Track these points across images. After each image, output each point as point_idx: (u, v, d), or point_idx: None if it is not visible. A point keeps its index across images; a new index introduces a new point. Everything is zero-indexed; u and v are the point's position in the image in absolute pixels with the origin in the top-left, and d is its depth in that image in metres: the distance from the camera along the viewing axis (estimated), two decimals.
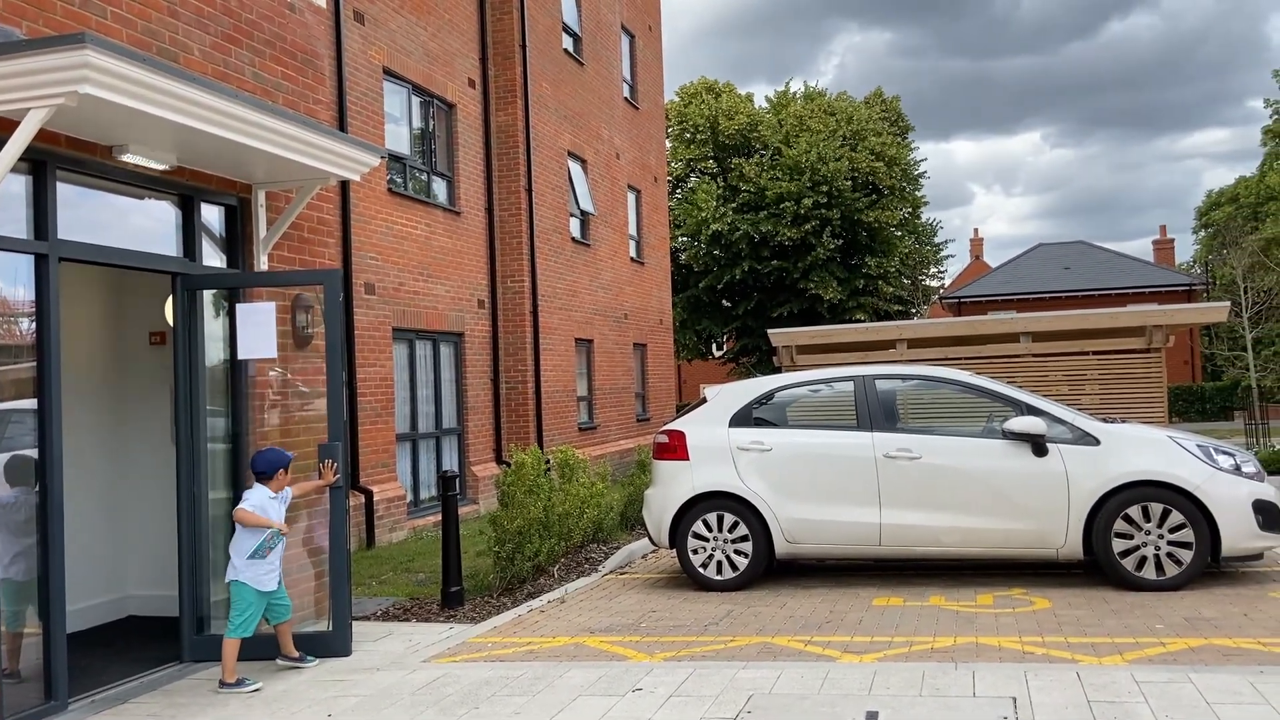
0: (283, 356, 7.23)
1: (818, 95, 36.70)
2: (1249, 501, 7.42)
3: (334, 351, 6.63)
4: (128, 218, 6.32)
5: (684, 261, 34.25)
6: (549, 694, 5.45)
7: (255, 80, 6.96)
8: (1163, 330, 13.01)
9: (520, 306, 16.01)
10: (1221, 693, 4.89)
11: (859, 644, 6.29)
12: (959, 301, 41.77)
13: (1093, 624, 6.54)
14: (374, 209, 12.65)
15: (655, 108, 23.95)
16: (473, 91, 15.46)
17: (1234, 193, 46.15)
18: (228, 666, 5.87)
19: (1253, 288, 24.61)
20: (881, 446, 8.00)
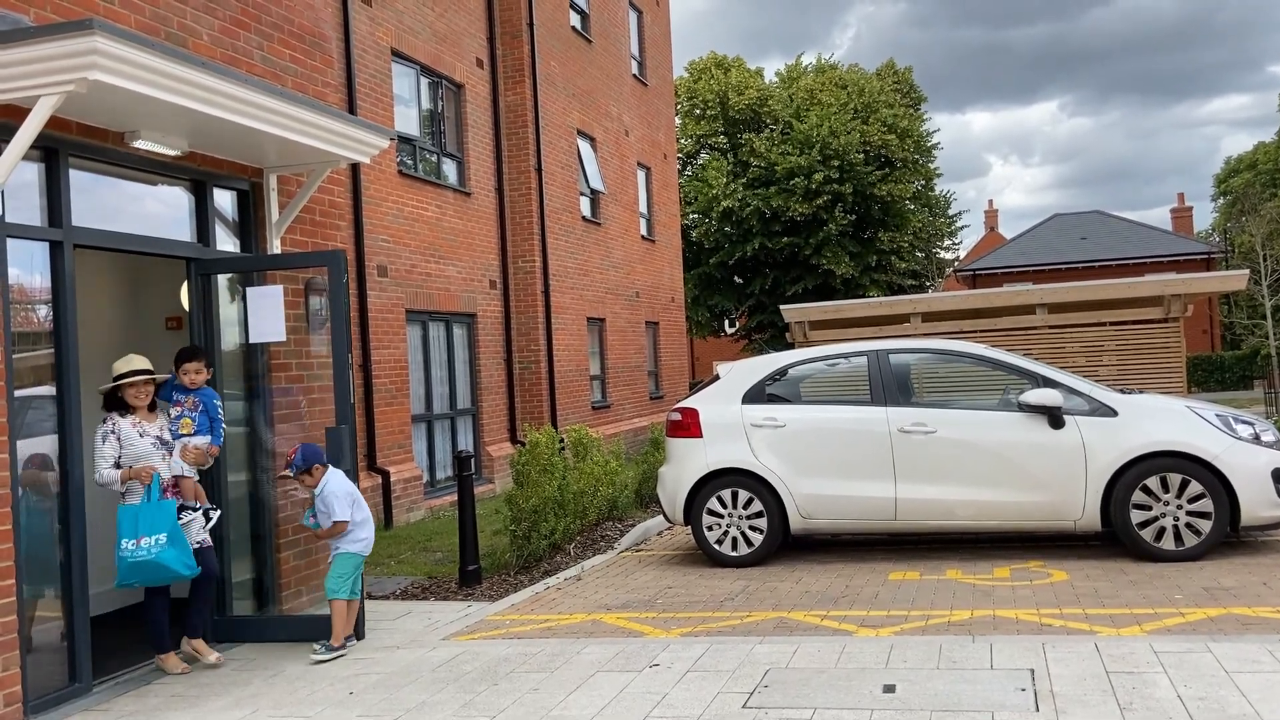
0: (297, 339, 7.27)
1: (829, 68, 36.43)
2: (1268, 470, 7.38)
3: (340, 334, 6.64)
4: (141, 203, 6.34)
5: (695, 238, 34.16)
6: (567, 670, 5.49)
7: (264, 64, 6.95)
8: (1181, 299, 12.90)
9: (532, 286, 16.01)
10: (1240, 661, 4.89)
11: (875, 618, 6.31)
12: (974, 274, 41.53)
13: (1111, 595, 6.53)
14: (385, 191, 12.65)
15: (664, 84, 23.82)
16: (481, 71, 15.40)
17: (1253, 159, 45.68)
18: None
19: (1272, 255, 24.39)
20: (896, 421, 7.98)
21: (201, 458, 6.06)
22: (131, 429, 5.87)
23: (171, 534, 5.63)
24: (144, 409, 5.95)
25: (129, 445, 5.84)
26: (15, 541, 5.08)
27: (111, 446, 5.83)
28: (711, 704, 4.79)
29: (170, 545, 5.63)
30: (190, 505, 5.94)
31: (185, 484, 6.00)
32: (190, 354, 6.18)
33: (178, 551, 5.63)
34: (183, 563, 5.66)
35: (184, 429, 6.03)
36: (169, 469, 5.91)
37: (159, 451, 5.90)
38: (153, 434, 5.92)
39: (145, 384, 5.94)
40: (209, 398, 6.14)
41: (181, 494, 5.94)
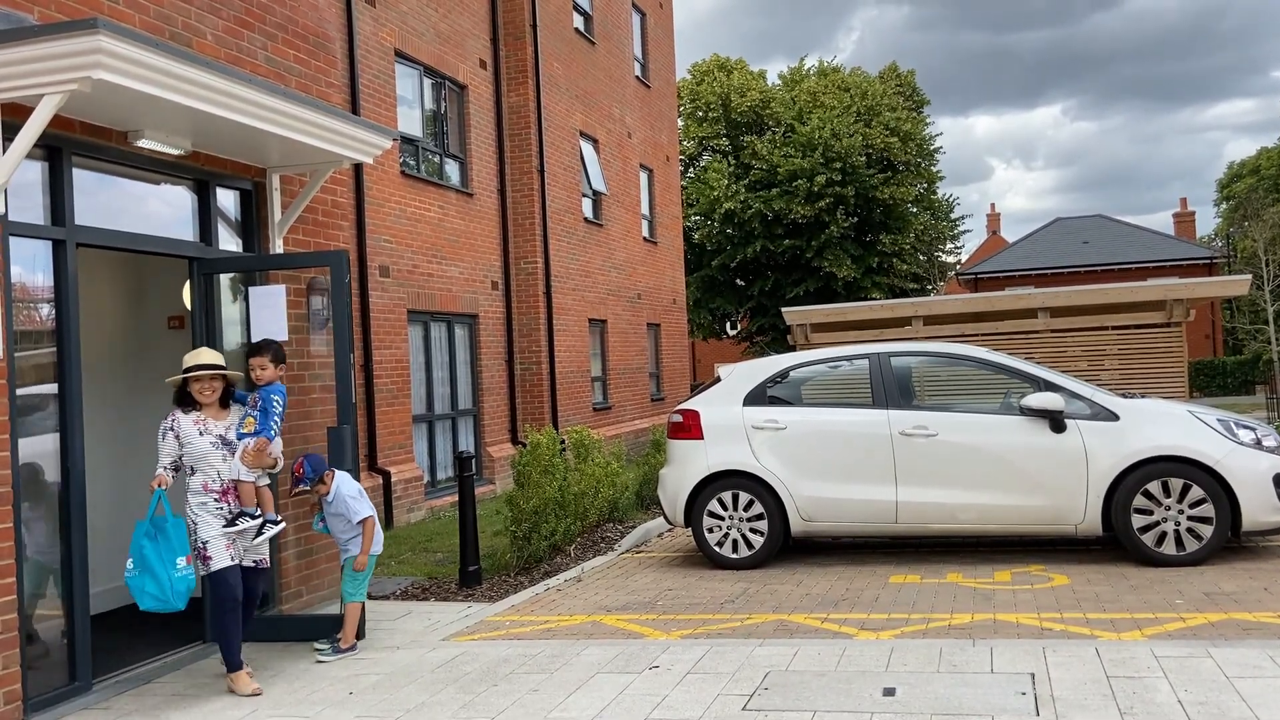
0: (299, 339, 7.27)
1: (831, 71, 36.43)
2: (1270, 475, 7.37)
3: (342, 333, 6.64)
4: (144, 202, 6.34)
5: (697, 240, 34.16)
6: (566, 671, 5.49)
7: (268, 64, 6.96)
8: (1183, 304, 12.89)
9: (533, 287, 16.01)
10: (1241, 667, 4.88)
11: (876, 621, 6.30)
12: (976, 277, 41.52)
13: (1111, 600, 6.52)
14: (387, 191, 12.66)
15: (667, 86, 23.83)
16: (484, 72, 15.41)
17: (1256, 164, 45.64)
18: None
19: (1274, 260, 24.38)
20: (898, 424, 7.98)
21: (259, 459, 5.63)
22: (191, 426, 5.56)
23: (139, 560, 5.27)
24: (213, 406, 5.64)
25: (188, 443, 5.54)
26: (16, 540, 5.09)
27: (170, 445, 5.56)
28: (711, 706, 4.79)
29: (139, 572, 5.28)
30: (248, 512, 5.58)
31: (243, 489, 5.62)
32: (256, 349, 5.93)
33: (142, 581, 5.26)
34: (150, 595, 5.24)
35: (246, 429, 5.68)
36: (229, 470, 5.58)
37: (219, 451, 5.57)
38: (215, 432, 5.59)
39: (212, 379, 5.61)
40: (268, 393, 5.77)
41: (240, 499, 5.59)
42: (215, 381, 5.64)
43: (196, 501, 5.53)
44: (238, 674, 5.49)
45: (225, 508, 5.56)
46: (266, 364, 5.86)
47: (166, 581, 5.23)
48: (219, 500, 5.55)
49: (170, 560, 5.25)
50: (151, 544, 5.28)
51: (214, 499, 5.55)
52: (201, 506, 5.53)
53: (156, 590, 5.24)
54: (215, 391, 5.64)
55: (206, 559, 5.48)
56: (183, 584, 5.27)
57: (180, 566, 5.27)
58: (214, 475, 5.55)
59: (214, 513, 5.53)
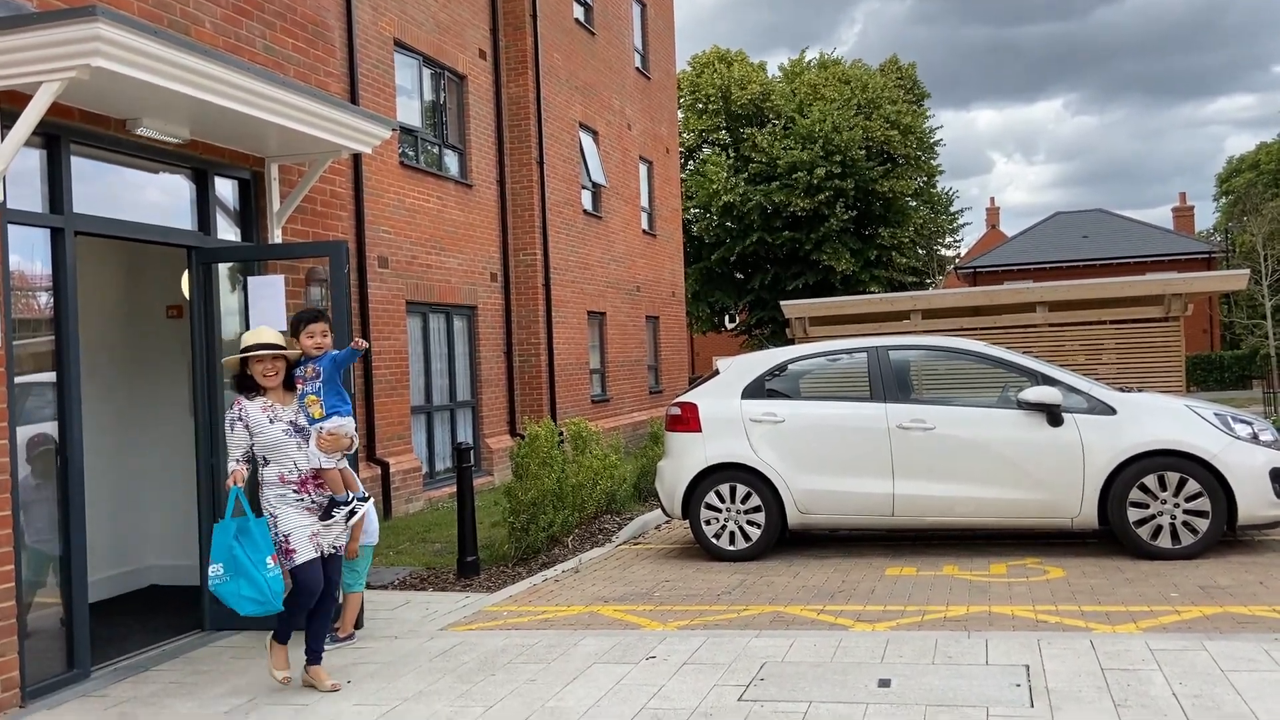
0: None
1: (832, 64, 36.37)
2: (1266, 470, 7.39)
3: (340, 324, 6.61)
4: (142, 191, 6.34)
5: (696, 233, 34.14)
6: (564, 662, 5.50)
7: (266, 53, 6.94)
8: (1181, 299, 12.89)
9: (532, 279, 16.00)
10: (1236, 660, 4.90)
11: (872, 613, 6.32)
12: (974, 271, 41.52)
13: (1107, 593, 6.54)
14: (386, 182, 12.64)
15: (667, 78, 23.78)
16: (483, 63, 15.38)
17: (1255, 159, 45.62)
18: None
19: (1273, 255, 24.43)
20: (895, 417, 7.99)
21: (339, 444, 5.19)
22: (260, 414, 5.13)
23: (230, 564, 4.97)
24: (277, 390, 5.19)
25: (259, 433, 5.10)
26: (14, 528, 5.09)
27: (240, 435, 5.12)
28: (707, 696, 4.80)
29: (231, 577, 4.97)
30: (339, 500, 5.21)
31: (329, 476, 5.20)
32: (314, 316, 5.36)
33: (237, 586, 4.96)
34: (248, 599, 4.96)
35: (312, 409, 5.19)
36: (307, 460, 5.16)
37: (292, 440, 5.13)
38: (285, 419, 5.16)
39: (274, 359, 5.16)
40: (330, 363, 5.26)
41: (329, 488, 5.21)
42: (278, 362, 5.18)
43: (274, 494, 5.13)
44: (316, 668, 5.28)
45: (306, 498, 5.16)
46: (328, 331, 5.35)
47: (263, 583, 4.95)
48: (298, 491, 5.15)
49: (260, 561, 4.97)
50: (240, 546, 4.97)
51: (293, 490, 5.14)
52: (280, 499, 5.13)
53: (254, 593, 4.95)
54: (279, 373, 5.18)
55: (290, 553, 5.10)
56: (277, 584, 5.00)
57: (269, 566, 4.99)
58: (290, 465, 5.13)
59: (294, 504, 5.13)
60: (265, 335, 5.23)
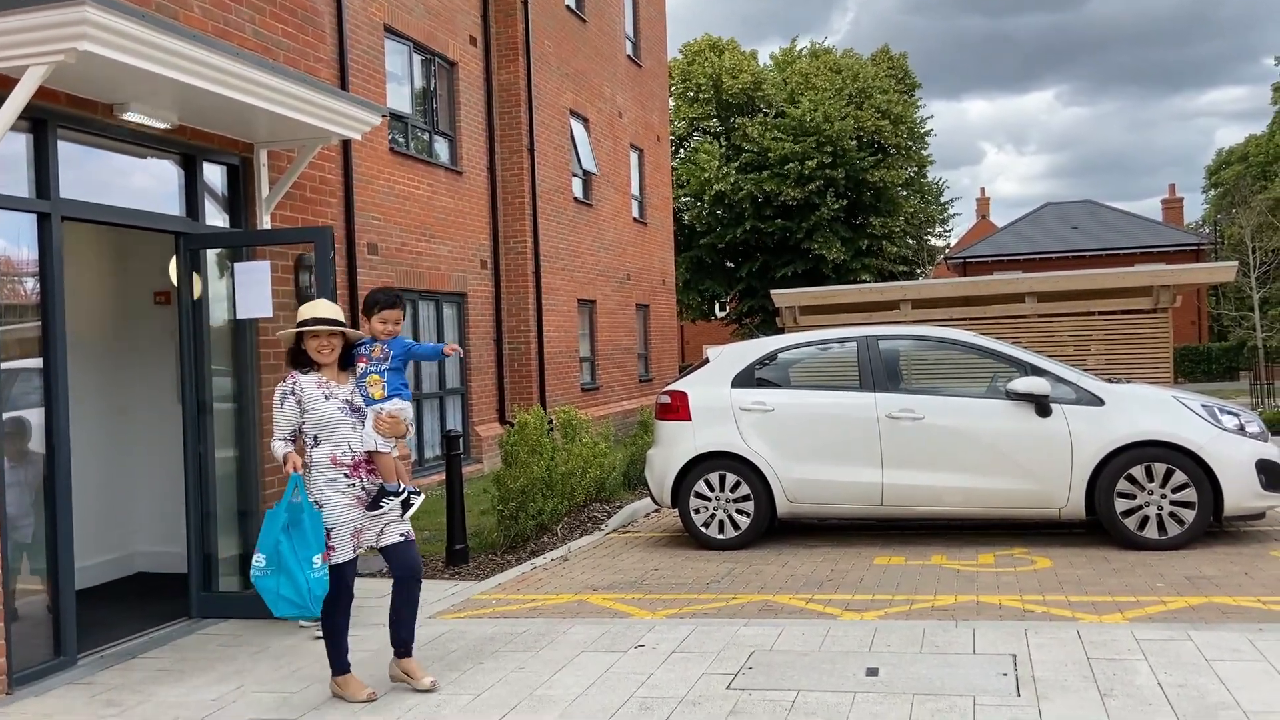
0: (288, 316, 7.23)
1: (823, 52, 36.31)
2: (1252, 461, 7.43)
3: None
4: (130, 177, 6.29)
5: (687, 221, 34.09)
6: (552, 650, 5.51)
7: (255, 38, 6.89)
8: (1170, 290, 12.95)
9: (523, 267, 15.97)
10: (1220, 650, 4.94)
11: (860, 602, 6.34)
12: (964, 261, 41.60)
13: (1094, 583, 6.58)
14: (376, 169, 12.58)
15: (658, 65, 23.71)
16: (474, 49, 15.30)
17: (1244, 151, 45.72)
18: None
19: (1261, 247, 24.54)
20: (884, 407, 8.00)
21: (398, 428, 4.94)
22: (315, 389, 4.82)
23: (274, 558, 4.61)
24: (332, 367, 4.91)
25: (312, 408, 4.79)
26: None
27: (290, 411, 4.80)
28: (696, 685, 4.82)
29: (272, 572, 4.62)
30: (390, 489, 4.90)
31: (382, 461, 4.90)
32: (393, 300, 5.04)
33: (277, 583, 4.61)
34: (285, 599, 4.61)
35: (373, 389, 4.93)
36: (361, 442, 4.87)
37: (348, 419, 4.84)
38: (341, 397, 4.85)
39: (331, 336, 4.86)
40: (400, 345, 5.02)
41: (381, 474, 4.91)
42: (334, 339, 4.88)
43: (324, 478, 4.79)
44: (346, 677, 4.94)
45: (357, 484, 4.84)
46: (400, 318, 5.07)
47: (304, 584, 4.58)
48: (349, 476, 4.82)
49: (307, 559, 4.60)
50: (287, 539, 4.63)
51: (344, 475, 4.81)
52: (330, 484, 4.79)
53: (293, 594, 4.60)
54: (335, 350, 4.89)
55: (329, 549, 4.78)
56: (320, 586, 4.62)
57: (315, 566, 4.61)
58: (344, 446, 4.81)
59: (344, 491, 4.80)
60: (323, 309, 4.91)
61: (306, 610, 4.67)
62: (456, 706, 4.72)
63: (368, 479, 4.89)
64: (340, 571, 4.82)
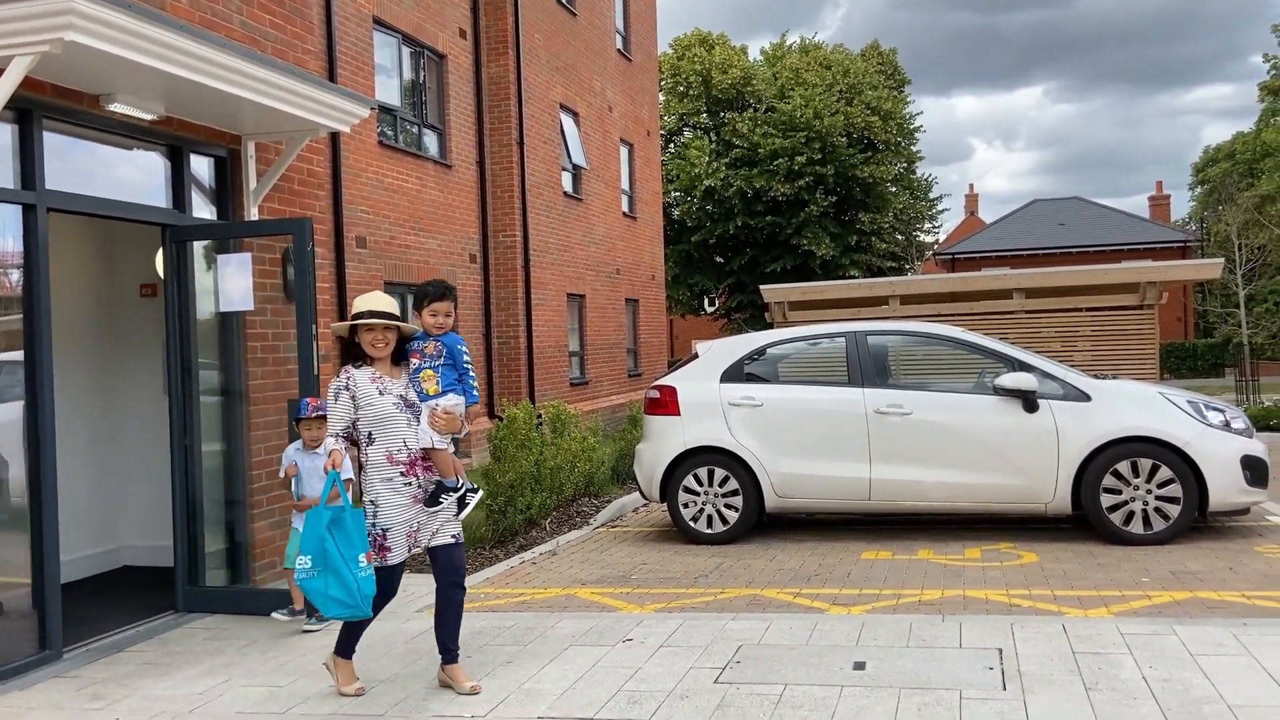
0: (275, 309, 7.21)
1: (813, 48, 36.32)
2: (1237, 457, 7.48)
3: (304, 304, 6.38)
4: (116, 168, 6.25)
5: (677, 216, 34.10)
6: (540, 644, 5.51)
7: (243, 29, 6.85)
8: (1156, 287, 13.02)
9: (512, 261, 15.94)
10: (1205, 644, 4.97)
11: (847, 596, 6.36)
12: (953, 258, 41.72)
13: (1079, 577, 6.61)
14: (364, 161, 12.54)
15: (648, 59, 23.68)
16: (464, 42, 15.25)
17: (1231, 149, 45.94)
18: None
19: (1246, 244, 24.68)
20: (873, 402, 8.02)
21: (454, 424, 4.74)
22: (370, 384, 4.68)
23: (320, 559, 4.52)
24: (385, 361, 4.75)
25: (367, 404, 4.65)
26: None
27: (344, 406, 4.67)
28: (684, 679, 4.83)
29: (319, 573, 4.52)
30: (448, 485, 4.75)
31: (440, 458, 4.74)
32: (442, 292, 4.82)
33: (325, 584, 4.51)
34: (336, 600, 4.51)
35: (427, 384, 4.75)
36: (417, 439, 4.70)
37: (403, 415, 4.68)
38: (395, 392, 4.70)
39: (385, 330, 4.71)
40: (454, 343, 4.82)
41: (439, 470, 4.76)
42: (388, 333, 4.72)
43: (379, 477, 4.66)
44: (345, 662, 4.88)
45: (414, 482, 4.70)
46: (451, 310, 4.86)
47: (353, 584, 4.49)
48: (406, 474, 4.68)
49: (353, 558, 4.50)
50: (333, 539, 4.53)
51: (400, 473, 4.67)
52: (386, 483, 4.66)
53: (343, 594, 4.51)
54: (388, 344, 4.73)
55: (384, 550, 4.67)
56: (369, 585, 4.53)
57: (362, 565, 4.51)
58: (399, 444, 4.67)
59: (400, 490, 4.66)
60: (378, 302, 4.75)
61: (357, 610, 4.55)
62: (445, 700, 4.72)
63: (424, 476, 4.73)
64: (390, 573, 4.71)
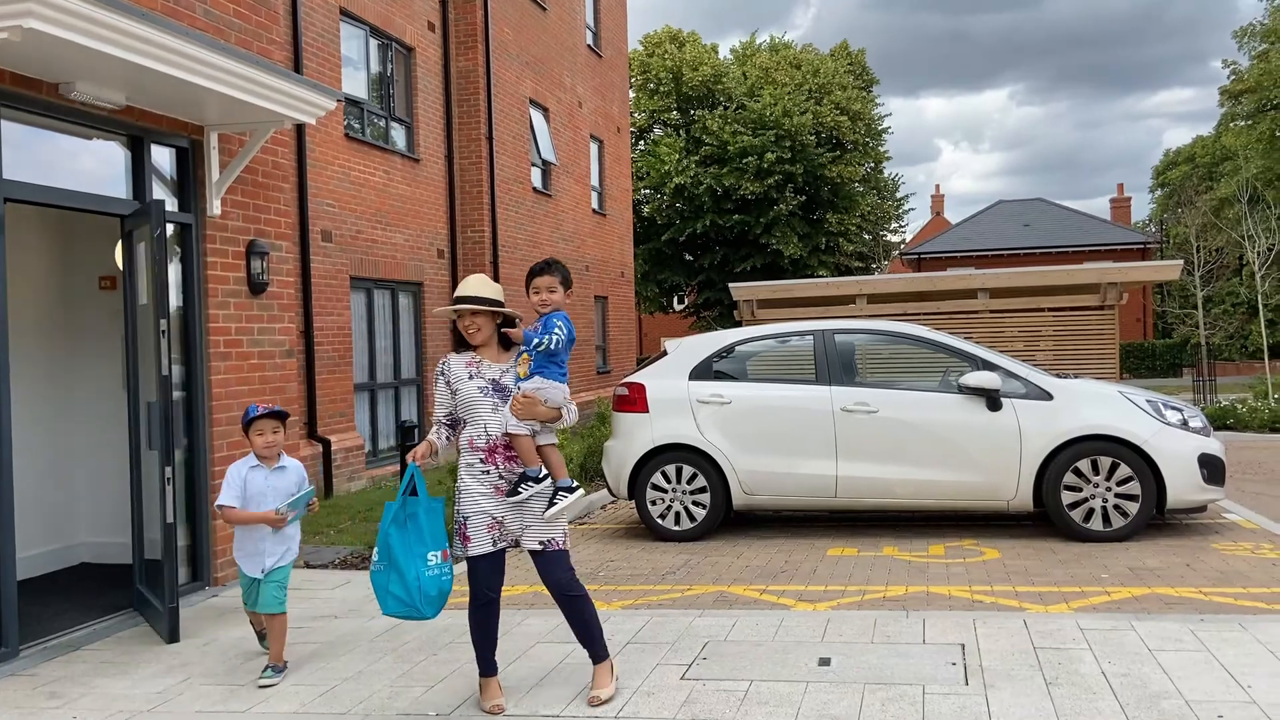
0: (238, 304, 7.13)
1: (783, 47, 36.47)
2: (1194, 456, 7.60)
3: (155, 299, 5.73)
4: (76, 158, 6.14)
5: (646, 214, 34.10)
6: (507, 641, 5.49)
7: (206, 18, 6.76)
8: (1117, 288, 13.20)
9: (480, 257, 15.85)
10: (1163, 639, 5.05)
11: (813, 593, 6.40)
12: (919, 257, 42.07)
13: (1040, 574, 6.69)
14: (331, 154, 12.41)
15: (619, 56, 23.64)
16: (433, 35, 15.14)
17: (1191, 152, 46.73)
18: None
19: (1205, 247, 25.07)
20: (839, 400, 8.07)
21: (534, 409, 4.37)
22: (463, 368, 4.51)
23: (385, 552, 4.39)
24: (490, 347, 4.56)
25: (457, 389, 4.49)
26: None
27: (442, 392, 4.55)
28: (650, 675, 4.83)
29: (384, 568, 4.38)
30: (529, 474, 4.41)
31: (520, 444, 4.41)
32: (542, 267, 4.60)
33: (387, 579, 4.37)
34: (394, 597, 4.36)
35: (520, 367, 4.50)
36: (499, 424, 4.43)
37: (488, 399, 4.43)
38: (488, 376, 4.48)
39: (474, 315, 4.49)
40: (550, 321, 4.47)
41: (522, 458, 4.43)
42: (479, 318, 4.50)
43: (463, 463, 4.51)
44: (484, 681, 4.60)
45: (493, 471, 4.44)
46: (555, 285, 4.56)
47: (414, 581, 4.33)
48: (485, 461, 4.43)
49: (419, 555, 4.35)
50: (399, 533, 4.39)
51: (479, 460, 4.45)
52: (467, 470, 4.48)
53: (401, 592, 4.35)
54: (481, 330, 4.51)
55: (465, 539, 4.48)
56: (433, 585, 4.35)
57: (430, 564, 4.34)
58: (480, 429, 4.44)
59: (478, 478, 4.45)
60: (468, 286, 4.55)
61: (414, 611, 4.36)
62: (410, 698, 4.68)
63: (505, 466, 4.45)
64: (476, 563, 4.49)
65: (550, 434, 4.54)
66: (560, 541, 4.50)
